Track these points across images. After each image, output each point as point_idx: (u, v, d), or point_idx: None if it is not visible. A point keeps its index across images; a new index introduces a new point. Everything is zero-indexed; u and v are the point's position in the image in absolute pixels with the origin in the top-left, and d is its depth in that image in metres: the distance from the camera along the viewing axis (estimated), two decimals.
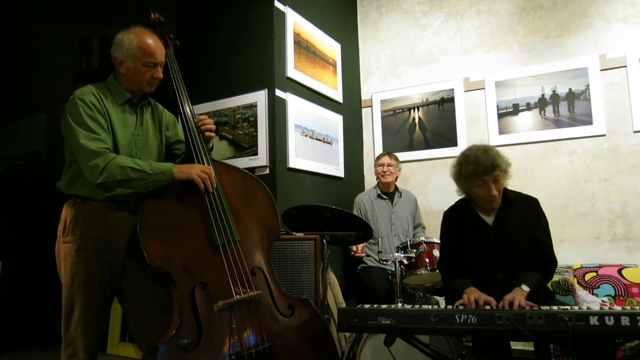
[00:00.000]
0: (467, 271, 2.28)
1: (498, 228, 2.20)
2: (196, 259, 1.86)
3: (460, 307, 1.93)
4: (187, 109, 2.09)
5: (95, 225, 1.88)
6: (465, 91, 3.93)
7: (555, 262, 2.18)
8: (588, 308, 1.79)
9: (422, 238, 3.03)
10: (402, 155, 3.95)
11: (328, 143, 3.76)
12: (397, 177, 3.69)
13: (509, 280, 2.06)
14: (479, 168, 2.10)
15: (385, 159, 3.63)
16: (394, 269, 2.80)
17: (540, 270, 2.12)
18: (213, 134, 2.15)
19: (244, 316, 1.83)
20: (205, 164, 2.00)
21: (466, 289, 2.08)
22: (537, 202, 2.25)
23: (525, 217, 2.19)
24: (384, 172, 3.59)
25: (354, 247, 3.39)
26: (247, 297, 1.84)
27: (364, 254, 3.45)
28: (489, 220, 2.23)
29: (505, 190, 2.22)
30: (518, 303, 1.87)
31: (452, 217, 2.36)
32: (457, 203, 2.37)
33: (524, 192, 2.34)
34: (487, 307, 1.92)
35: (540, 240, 2.17)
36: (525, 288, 1.98)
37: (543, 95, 3.62)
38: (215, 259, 1.88)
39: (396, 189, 3.68)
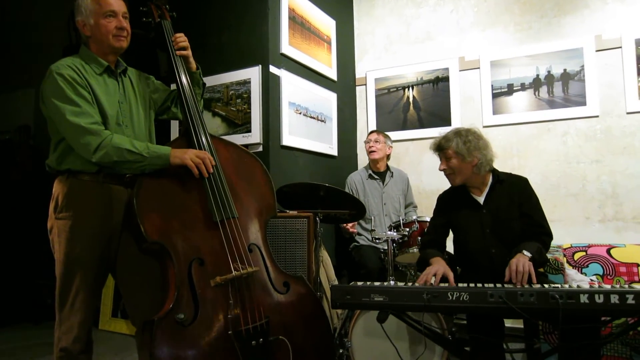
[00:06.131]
0: (461, 250, 2.40)
1: (488, 205, 2.32)
2: (194, 235, 1.85)
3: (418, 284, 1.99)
4: (184, 80, 2.06)
5: (89, 201, 1.86)
6: (460, 70, 3.91)
7: (549, 234, 2.25)
8: (578, 286, 1.82)
9: (415, 217, 3.04)
10: (395, 135, 3.94)
11: (322, 121, 3.74)
12: (388, 156, 3.67)
13: (503, 254, 2.16)
14: (435, 143, 2.39)
15: (372, 136, 3.62)
16: (386, 248, 2.82)
17: (537, 241, 2.17)
18: (185, 52, 2.12)
19: (241, 292, 1.83)
20: (203, 139, 1.98)
21: (432, 258, 2.21)
22: (527, 181, 2.36)
23: (515, 195, 2.30)
24: (371, 147, 3.58)
25: (345, 225, 3.41)
26: (245, 273, 1.84)
27: (356, 231, 3.47)
28: (480, 199, 2.35)
29: (495, 171, 2.36)
30: (523, 264, 1.95)
31: (446, 199, 2.49)
32: (452, 187, 2.47)
33: (516, 172, 2.45)
34: (445, 284, 1.97)
35: (531, 215, 2.26)
36: (527, 253, 2.04)
37: (538, 75, 3.62)
38: (213, 235, 1.87)
39: (388, 168, 3.69)
